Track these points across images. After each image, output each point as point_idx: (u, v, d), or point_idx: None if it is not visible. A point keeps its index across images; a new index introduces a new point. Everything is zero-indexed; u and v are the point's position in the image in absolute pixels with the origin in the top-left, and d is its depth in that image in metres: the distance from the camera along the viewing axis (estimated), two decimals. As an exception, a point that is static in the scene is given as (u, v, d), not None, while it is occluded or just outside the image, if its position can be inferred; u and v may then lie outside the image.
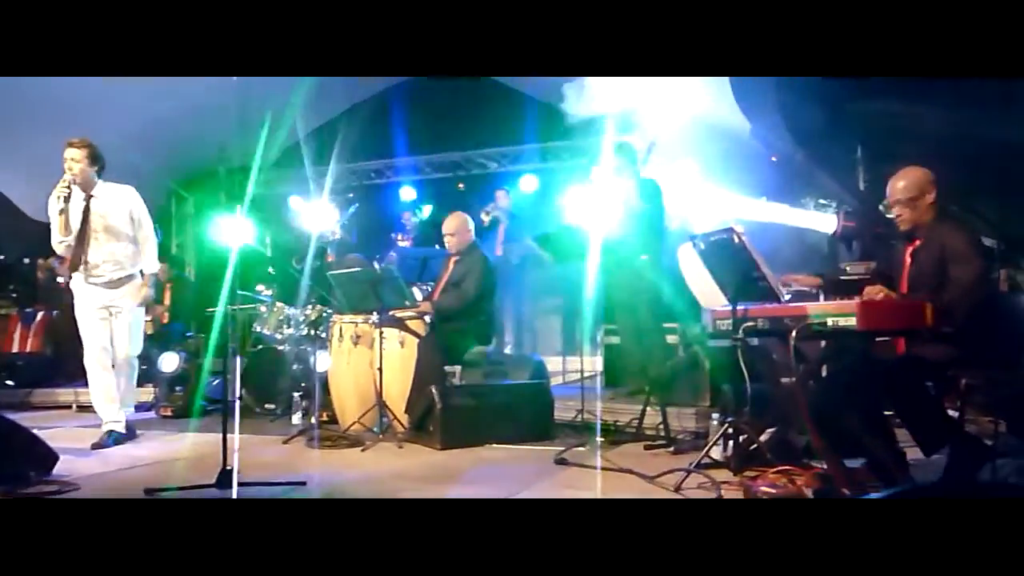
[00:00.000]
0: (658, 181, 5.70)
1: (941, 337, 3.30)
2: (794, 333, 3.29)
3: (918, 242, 3.61)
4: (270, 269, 7.47)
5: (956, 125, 5.61)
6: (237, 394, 6.76)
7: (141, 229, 5.09)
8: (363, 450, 4.75)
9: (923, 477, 3.41)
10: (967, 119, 5.47)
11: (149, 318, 7.72)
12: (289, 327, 6.65)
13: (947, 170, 3.71)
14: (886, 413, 3.70)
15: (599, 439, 4.83)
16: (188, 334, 7.91)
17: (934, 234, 3.52)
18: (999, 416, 3.19)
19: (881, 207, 3.75)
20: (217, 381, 6.47)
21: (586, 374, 5.76)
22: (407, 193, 9.81)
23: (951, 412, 3.67)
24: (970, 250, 3.40)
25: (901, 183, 3.60)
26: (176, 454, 4.78)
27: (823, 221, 7.14)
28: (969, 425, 3.64)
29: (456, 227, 5.70)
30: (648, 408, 4.98)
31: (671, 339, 6.02)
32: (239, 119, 7.50)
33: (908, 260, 3.64)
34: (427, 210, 8.84)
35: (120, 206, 5.01)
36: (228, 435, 3.64)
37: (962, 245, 3.41)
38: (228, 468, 3.57)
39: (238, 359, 7.39)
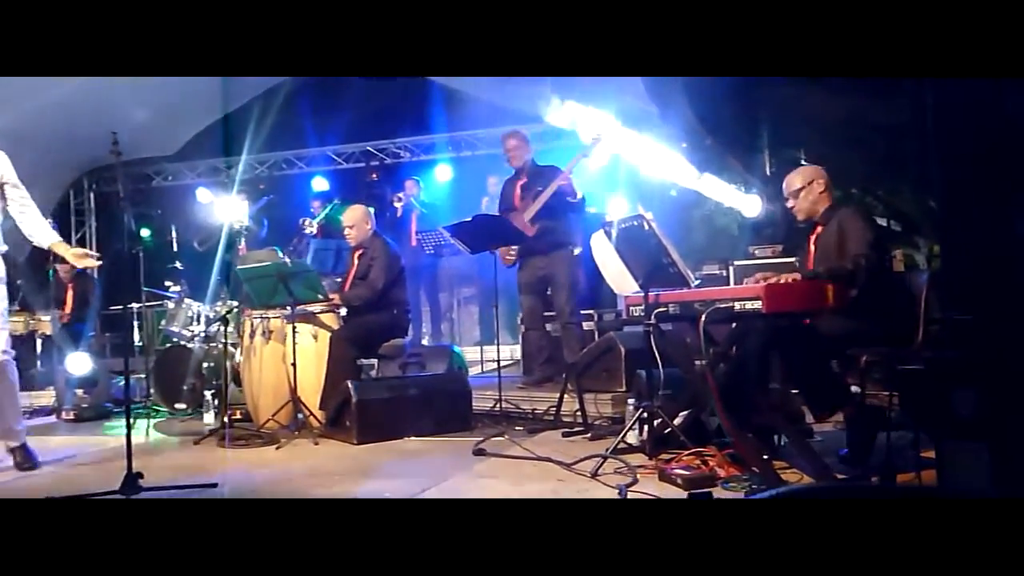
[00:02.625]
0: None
1: (841, 313, 3.43)
2: (703, 317, 3.37)
3: (819, 229, 3.78)
4: (177, 264, 7.24)
5: (855, 112, 5.81)
6: (144, 394, 6.60)
7: (6, 198, 4.27)
8: (277, 448, 4.64)
9: (828, 450, 3.53)
10: (865, 107, 5.67)
11: (47, 317, 7.39)
12: (199, 323, 6.46)
13: (848, 157, 3.87)
14: (793, 392, 3.83)
15: (517, 428, 4.85)
16: (91, 333, 7.60)
17: (832, 219, 3.70)
18: (894, 390, 3.33)
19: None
20: (121, 382, 6.23)
21: (503, 363, 5.76)
22: (319, 184, 9.63)
23: (854, 388, 3.83)
24: (863, 223, 3.60)
25: (790, 179, 3.84)
26: (80, 460, 4.58)
27: (749, 202, 7.31)
28: (871, 399, 3.81)
29: (354, 219, 5.59)
30: (566, 395, 5.03)
31: (587, 325, 6.10)
32: (134, 108, 7.24)
33: (812, 248, 3.81)
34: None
35: None
36: (132, 438, 3.51)
37: (856, 221, 3.61)
38: (133, 472, 3.43)
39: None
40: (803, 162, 7.65)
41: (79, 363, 6.40)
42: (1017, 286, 1.95)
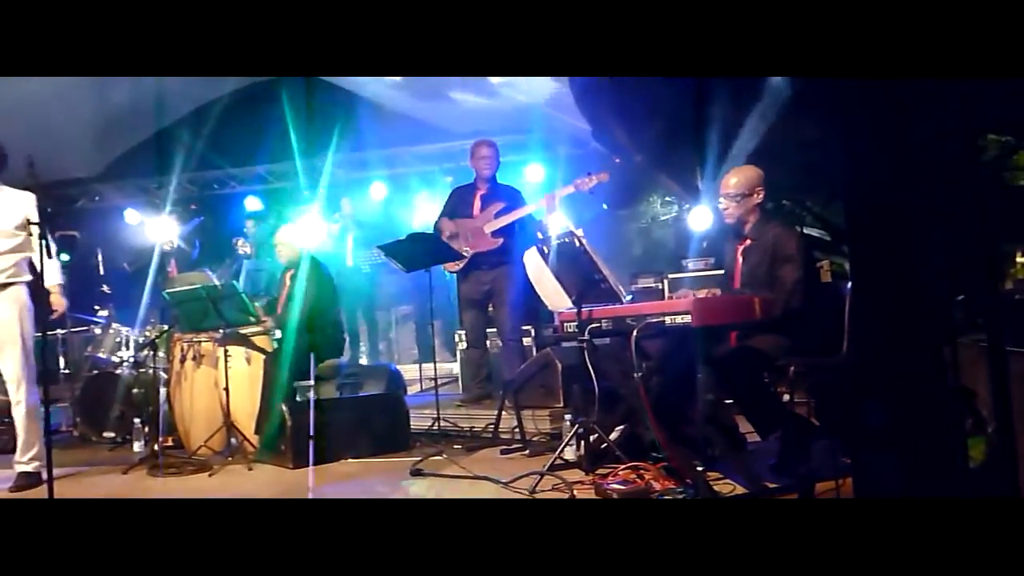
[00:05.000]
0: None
1: (769, 328, 3.51)
2: (635, 332, 3.40)
3: (748, 241, 3.82)
4: (105, 288, 7.03)
5: (784, 127, 5.96)
6: (70, 423, 6.37)
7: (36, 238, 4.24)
8: (210, 475, 4.53)
9: (762, 461, 3.60)
10: (793, 122, 5.81)
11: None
12: (127, 349, 6.27)
13: (778, 169, 3.95)
14: (727, 402, 3.90)
15: (455, 446, 4.82)
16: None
17: (763, 235, 3.74)
18: (817, 398, 3.42)
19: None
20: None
21: (442, 381, 5.73)
22: (252, 203, 9.45)
23: (785, 397, 3.92)
24: (796, 253, 3.63)
25: (733, 180, 3.80)
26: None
27: (699, 215, 7.36)
28: (801, 408, 3.89)
29: (287, 239, 5.51)
30: (504, 412, 5.02)
31: (526, 341, 6.10)
32: (57, 126, 7.00)
33: (739, 259, 3.85)
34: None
35: (13, 211, 4.34)
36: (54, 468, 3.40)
37: (790, 248, 3.64)
38: (55, 506, 3.32)
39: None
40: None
41: None
42: (927, 298, 2.02)
